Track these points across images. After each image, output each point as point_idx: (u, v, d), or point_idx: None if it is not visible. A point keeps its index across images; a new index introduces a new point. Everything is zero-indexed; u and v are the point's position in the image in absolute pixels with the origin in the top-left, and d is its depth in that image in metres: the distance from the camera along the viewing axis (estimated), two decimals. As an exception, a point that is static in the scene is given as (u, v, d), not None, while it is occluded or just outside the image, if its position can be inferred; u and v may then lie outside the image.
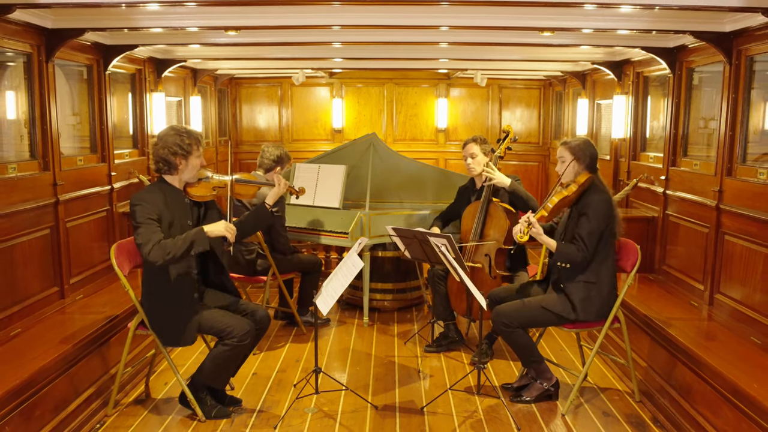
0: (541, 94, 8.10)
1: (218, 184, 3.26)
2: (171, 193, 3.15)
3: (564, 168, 3.36)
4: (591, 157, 3.35)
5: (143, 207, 3.02)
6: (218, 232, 3.09)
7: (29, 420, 2.83)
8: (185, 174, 3.16)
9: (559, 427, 3.28)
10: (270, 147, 4.43)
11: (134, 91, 5.24)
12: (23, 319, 3.55)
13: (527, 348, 3.46)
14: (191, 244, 3.00)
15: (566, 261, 3.32)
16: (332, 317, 5.03)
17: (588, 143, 3.40)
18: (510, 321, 3.37)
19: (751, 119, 3.83)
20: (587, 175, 3.33)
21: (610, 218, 3.30)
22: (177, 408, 3.40)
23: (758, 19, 3.46)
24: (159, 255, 2.93)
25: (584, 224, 3.27)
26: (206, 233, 3.05)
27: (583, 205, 3.32)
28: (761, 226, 3.50)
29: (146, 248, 2.95)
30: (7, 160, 3.65)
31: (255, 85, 8.16)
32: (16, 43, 3.61)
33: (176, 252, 2.96)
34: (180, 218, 3.14)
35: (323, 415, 3.37)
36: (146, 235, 2.97)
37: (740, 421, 2.77)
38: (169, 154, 3.09)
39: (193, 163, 3.15)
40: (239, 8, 3.70)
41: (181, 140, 3.10)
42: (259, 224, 3.48)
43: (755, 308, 3.54)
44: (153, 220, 3.01)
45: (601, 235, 3.28)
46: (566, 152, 3.36)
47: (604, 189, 3.36)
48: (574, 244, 3.29)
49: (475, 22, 3.84)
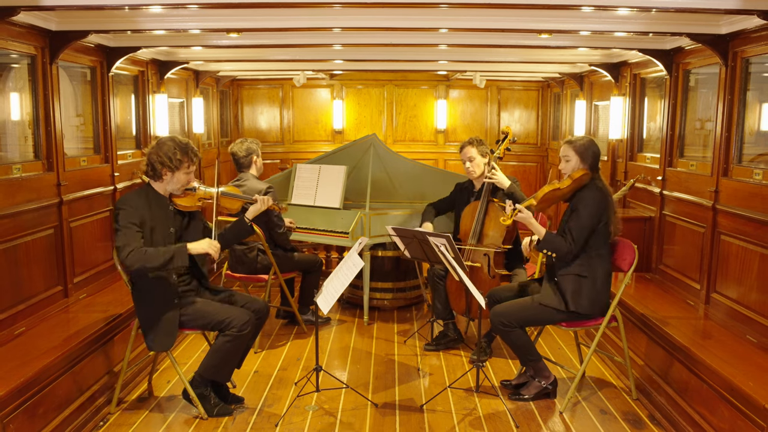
0: (539, 96, 8.14)
1: (204, 196, 3.33)
2: (156, 199, 3.22)
3: (569, 167, 3.39)
4: (594, 156, 3.39)
5: (126, 211, 3.08)
6: (201, 249, 3.16)
7: (33, 417, 2.86)
8: (169, 185, 3.23)
9: (557, 424, 3.32)
10: (236, 145, 4.46)
11: (137, 92, 5.27)
12: (27, 318, 3.57)
13: (525, 347, 3.48)
14: (171, 259, 3.06)
15: (551, 249, 3.36)
16: (333, 316, 5.07)
17: (592, 142, 3.42)
18: (508, 320, 3.40)
19: (747, 120, 3.85)
20: (583, 171, 3.36)
21: (604, 215, 3.32)
22: (179, 406, 3.43)
23: (754, 22, 3.49)
24: (135, 260, 3.01)
25: (574, 219, 3.31)
26: (188, 250, 3.12)
27: (576, 200, 3.36)
28: (757, 226, 3.52)
29: (124, 252, 3.01)
30: (12, 161, 3.67)
31: (256, 87, 8.20)
32: (20, 45, 3.64)
33: (154, 263, 3.03)
34: (162, 225, 3.19)
35: (324, 413, 3.40)
36: (125, 239, 3.03)
37: (736, 418, 2.79)
38: (157, 162, 3.16)
39: (178, 177, 3.21)
40: (241, 11, 3.71)
41: (174, 154, 3.15)
42: (239, 236, 3.56)
43: (751, 307, 3.56)
44: (134, 224, 3.06)
45: (592, 231, 3.30)
46: (570, 151, 3.39)
47: (602, 187, 3.38)
48: (563, 236, 3.33)
49: (474, 24, 3.86)
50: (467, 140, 4.23)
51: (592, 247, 3.34)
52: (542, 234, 3.36)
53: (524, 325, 3.46)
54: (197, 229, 3.36)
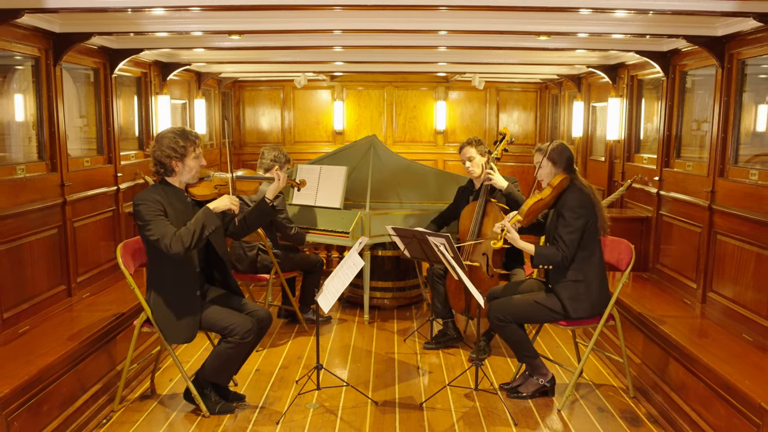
0: (537, 97, 8.19)
1: (219, 182, 3.29)
2: (173, 193, 3.19)
3: (544, 173, 3.41)
4: (567, 159, 3.39)
5: (147, 205, 3.05)
6: (223, 206, 3.13)
7: (37, 415, 2.88)
8: (184, 176, 3.18)
9: (555, 422, 3.34)
10: (268, 148, 4.55)
11: (140, 93, 5.31)
12: (31, 317, 3.60)
13: (521, 343, 3.50)
14: (203, 226, 3.04)
15: (547, 263, 3.37)
16: (333, 315, 5.10)
17: (562, 146, 3.43)
18: (504, 315, 3.42)
19: (743, 121, 3.88)
20: (562, 176, 3.36)
21: (590, 215, 3.32)
22: (182, 404, 3.46)
23: (750, 24, 3.53)
24: (179, 246, 2.98)
25: (562, 224, 3.31)
26: (212, 209, 3.10)
27: (560, 204, 3.36)
28: (753, 225, 3.55)
29: (165, 241, 2.98)
30: (16, 161, 3.71)
31: (258, 88, 8.24)
32: (24, 47, 3.67)
33: (192, 238, 3.01)
34: (183, 217, 3.16)
35: (324, 411, 3.43)
36: (159, 229, 3.00)
37: (732, 416, 2.82)
38: (164, 157, 3.11)
39: (189, 164, 3.16)
40: (243, 13, 3.73)
41: (176, 143, 3.11)
42: (262, 219, 3.48)
43: (747, 306, 3.59)
44: (159, 214, 3.04)
45: (582, 232, 3.31)
46: (541, 158, 3.41)
47: (582, 187, 3.37)
48: (554, 244, 3.33)
49: (473, 26, 3.89)
50: (466, 140, 4.28)
51: (583, 248, 3.35)
52: (532, 251, 3.35)
53: (520, 321, 3.47)
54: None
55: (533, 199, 3.35)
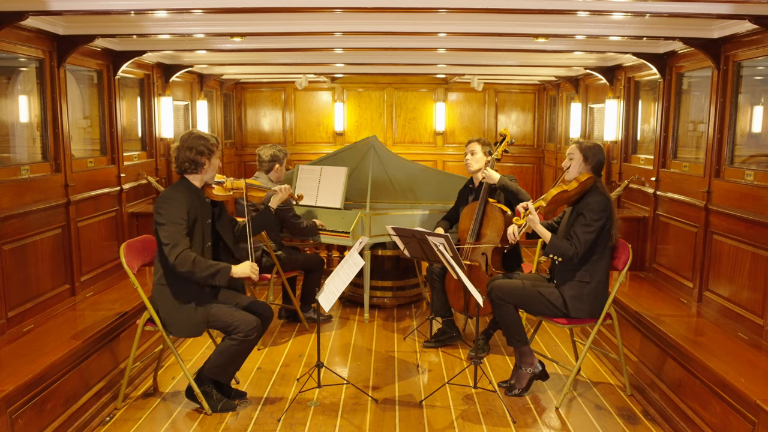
0: (535, 99, 8.23)
1: (233, 186, 3.49)
2: (194, 191, 3.31)
3: (572, 165, 3.44)
4: (598, 161, 3.43)
5: (171, 205, 3.15)
6: (243, 273, 3.28)
7: (41, 413, 2.91)
8: (208, 173, 3.34)
9: (553, 419, 3.37)
10: (264, 148, 4.61)
11: (143, 95, 5.35)
12: (35, 316, 3.64)
13: (515, 326, 3.53)
14: (214, 276, 3.16)
15: (557, 254, 3.41)
16: (334, 314, 5.13)
17: (598, 147, 3.47)
18: (504, 295, 3.47)
19: (739, 122, 3.92)
20: (588, 174, 3.41)
21: (608, 220, 3.37)
22: (184, 401, 3.48)
23: (745, 26, 3.56)
24: (183, 264, 3.09)
25: (581, 222, 3.35)
26: (231, 273, 3.23)
27: (582, 205, 3.40)
28: (748, 225, 3.58)
29: (174, 251, 3.08)
30: (20, 162, 3.74)
31: (259, 90, 8.28)
32: (28, 49, 3.71)
33: (199, 274, 3.13)
34: (202, 216, 3.29)
35: (325, 408, 3.46)
36: (173, 237, 3.11)
37: (728, 413, 2.85)
38: (197, 154, 3.26)
39: (214, 163, 3.35)
40: (244, 15, 3.77)
41: (205, 141, 3.29)
42: (266, 224, 3.79)
43: (742, 305, 3.62)
44: (179, 222, 3.14)
45: (598, 235, 3.35)
46: (577, 151, 3.45)
47: (604, 192, 3.44)
48: (569, 240, 3.38)
49: (472, 28, 3.92)
50: (476, 138, 4.35)
51: (595, 251, 3.39)
52: (548, 238, 3.41)
53: (519, 305, 3.52)
54: (227, 220, 3.49)
55: (558, 189, 3.39)
